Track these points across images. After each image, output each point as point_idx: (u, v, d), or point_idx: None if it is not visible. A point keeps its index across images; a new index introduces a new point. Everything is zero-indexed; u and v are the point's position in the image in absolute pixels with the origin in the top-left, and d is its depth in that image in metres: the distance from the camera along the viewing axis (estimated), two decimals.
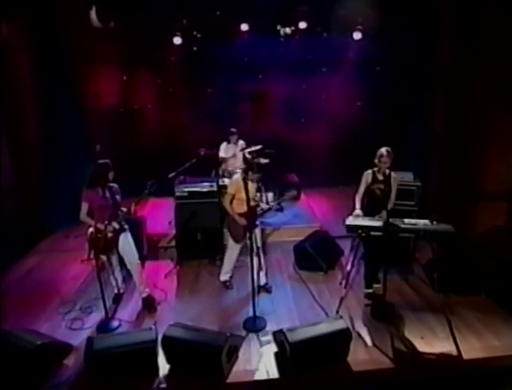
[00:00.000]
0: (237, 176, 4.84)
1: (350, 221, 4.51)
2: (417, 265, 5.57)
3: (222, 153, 7.03)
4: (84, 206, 4.51)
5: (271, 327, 4.39)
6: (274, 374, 3.84)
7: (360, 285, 5.12)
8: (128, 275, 5.08)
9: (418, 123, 6.74)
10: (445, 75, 6.05)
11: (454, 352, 4.01)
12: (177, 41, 8.01)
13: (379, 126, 7.57)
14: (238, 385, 3.78)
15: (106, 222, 4.46)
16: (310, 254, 5.46)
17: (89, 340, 3.83)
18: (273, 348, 4.10)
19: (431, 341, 4.19)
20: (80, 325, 4.59)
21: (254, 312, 4.50)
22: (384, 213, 4.61)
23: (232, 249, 5.03)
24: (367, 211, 4.72)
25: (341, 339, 3.88)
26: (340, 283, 5.13)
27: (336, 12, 7.55)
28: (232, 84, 8.46)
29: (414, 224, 4.36)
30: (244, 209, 4.62)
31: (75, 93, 7.53)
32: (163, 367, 3.89)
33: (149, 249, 6.10)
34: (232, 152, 6.98)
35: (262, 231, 5.52)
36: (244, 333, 4.35)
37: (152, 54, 8.20)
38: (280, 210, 7.05)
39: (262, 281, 5.13)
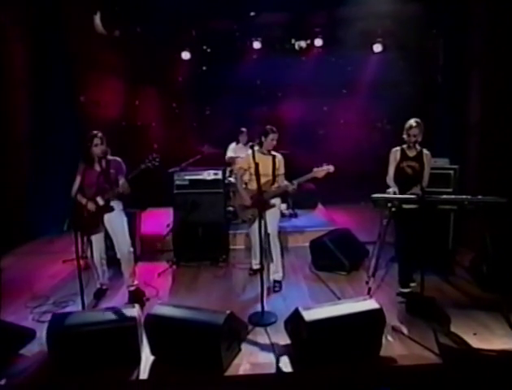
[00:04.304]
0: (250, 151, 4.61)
1: (378, 195, 3.99)
2: (458, 268, 4.89)
3: (230, 153, 6.63)
4: (77, 181, 4.15)
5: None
6: (286, 367, 3.13)
7: (391, 284, 4.48)
8: (114, 276, 4.65)
9: (450, 118, 6.35)
10: (480, 64, 5.78)
11: None
12: (185, 55, 8.00)
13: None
14: (240, 380, 3.07)
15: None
16: (330, 250, 4.84)
17: (54, 316, 3.21)
18: (285, 341, 3.41)
19: (487, 338, 3.47)
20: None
21: (262, 305, 3.83)
22: (416, 188, 4.06)
23: (251, 233, 4.75)
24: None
25: (372, 322, 3.19)
26: (367, 282, 4.42)
27: (354, 24, 7.42)
28: (242, 108, 8.23)
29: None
30: (255, 185, 4.25)
31: (73, 96, 7.34)
32: (146, 358, 3.23)
33: (143, 252, 5.58)
34: (243, 154, 6.58)
35: (279, 233, 4.96)
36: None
37: (159, 69, 8.15)
38: (295, 215, 6.53)
39: (273, 277, 4.56)
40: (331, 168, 4.39)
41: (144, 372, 3.13)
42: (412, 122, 4.14)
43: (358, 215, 7.02)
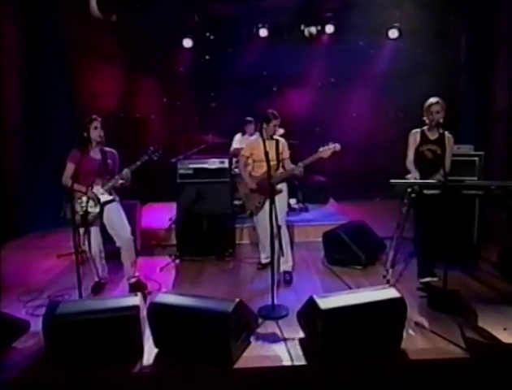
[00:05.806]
0: (254, 137, 4.73)
1: (397, 180, 3.98)
2: (484, 263, 4.85)
3: (236, 145, 6.65)
4: (69, 168, 4.17)
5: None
6: (300, 360, 3.10)
7: (410, 279, 4.44)
8: (114, 270, 4.62)
9: (474, 104, 6.33)
10: (508, 45, 5.79)
11: None
12: (187, 43, 7.97)
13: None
14: (250, 373, 3.03)
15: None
16: (345, 243, 4.82)
17: (51, 304, 3.20)
18: (298, 334, 3.39)
19: None
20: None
21: (273, 297, 3.82)
22: (438, 175, 4.05)
23: (258, 224, 4.78)
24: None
25: (392, 311, 3.15)
26: (384, 276, 4.38)
27: (369, 8, 7.35)
28: (248, 99, 8.11)
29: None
30: (263, 170, 4.38)
31: (68, 83, 7.30)
32: (149, 350, 3.21)
33: (143, 246, 5.58)
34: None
35: (288, 227, 4.94)
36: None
37: (159, 58, 8.14)
38: (305, 209, 6.53)
39: (283, 268, 4.60)
40: (337, 146, 4.37)
41: (147, 365, 3.10)
42: (433, 99, 4.11)
43: (373, 211, 6.93)
